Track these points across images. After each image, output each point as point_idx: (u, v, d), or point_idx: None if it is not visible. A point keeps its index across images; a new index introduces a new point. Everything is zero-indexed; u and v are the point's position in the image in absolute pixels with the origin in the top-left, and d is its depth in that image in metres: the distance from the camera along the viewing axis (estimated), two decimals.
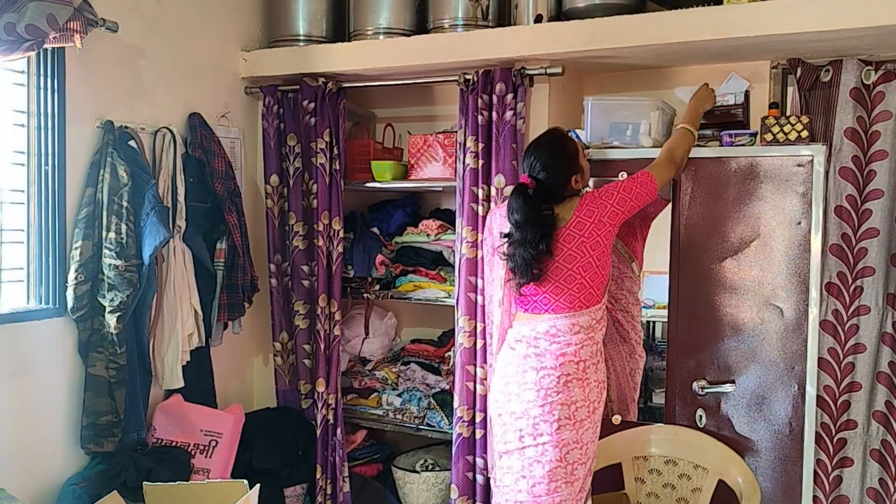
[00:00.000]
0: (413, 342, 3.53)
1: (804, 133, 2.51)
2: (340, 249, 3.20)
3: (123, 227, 2.58)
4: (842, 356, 2.64)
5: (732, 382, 2.61)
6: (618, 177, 2.70)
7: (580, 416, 2.32)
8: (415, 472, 3.21)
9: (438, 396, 3.23)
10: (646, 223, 2.94)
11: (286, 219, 3.26)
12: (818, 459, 2.64)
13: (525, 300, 2.41)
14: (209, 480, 2.75)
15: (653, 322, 3.05)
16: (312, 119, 3.18)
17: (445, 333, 3.46)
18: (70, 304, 2.57)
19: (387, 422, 3.31)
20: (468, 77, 2.90)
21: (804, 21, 2.40)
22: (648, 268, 2.87)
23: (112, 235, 2.58)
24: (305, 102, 3.18)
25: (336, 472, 3.18)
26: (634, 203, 2.39)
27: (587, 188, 2.55)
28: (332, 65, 3.13)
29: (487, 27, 2.95)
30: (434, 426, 3.18)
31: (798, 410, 2.53)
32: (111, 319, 2.57)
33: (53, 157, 2.56)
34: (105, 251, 2.58)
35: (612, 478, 2.67)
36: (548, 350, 2.34)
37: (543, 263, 2.33)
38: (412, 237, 3.34)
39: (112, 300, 2.57)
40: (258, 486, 2.57)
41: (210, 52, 3.17)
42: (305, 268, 3.23)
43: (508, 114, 2.82)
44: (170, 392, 2.92)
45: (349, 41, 3.20)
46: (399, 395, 3.30)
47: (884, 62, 2.59)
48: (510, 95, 2.82)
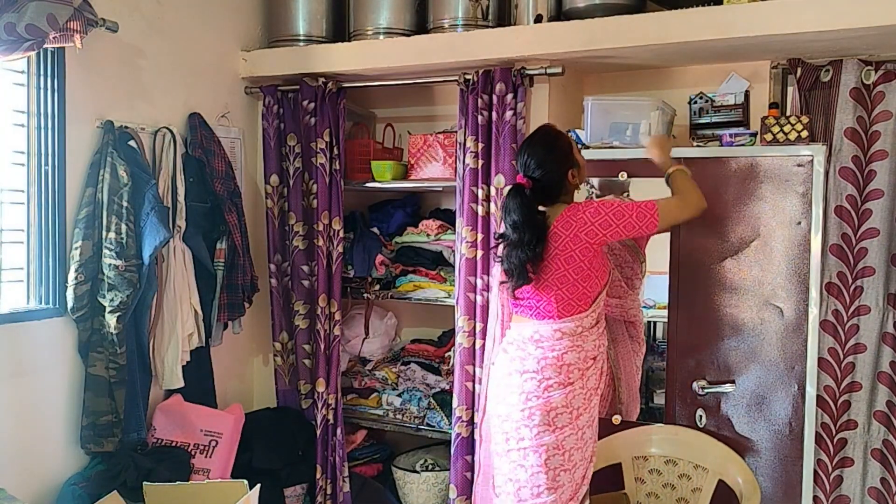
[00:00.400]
0: (413, 342, 3.53)
1: (804, 133, 2.51)
2: (340, 249, 3.20)
3: (123, 227, 2.58)
4: (842, 356, 2.64)
5: (732, 382, 2.60)
6: (618, 177, 2.70)
7: (561, 423, 2.27)
8: (415, 472, 3.21)
9: (438, 396, 3.23)
10: None
11: (286, 219, 3.26)
12: (818, 459, 2.64)
13: (517, 303, 2.40)
14: (209, 480, 2.75)
15: (653, 322, 3.04)
16: (312, 119, 3.18)
17: (445, 333, 3.46)
18: (70, 304, 2.57)
19: (387, 422, 3.30)
20: (468, 77, 2.90)
21: (804, 21, 2.40)
22: (648, 268, 2.86)
23: (112, 235, 2.58)
24: (305, 102, 3.18)
25: (336, 472, 3.18)
26: (621, 230, 2.26)
27: (591, 188, 2.53)
28: (332, 65, 3.13)
29: (487, 27, 2.95)
30: (434, 426, 3.18)
31: (798, 410, 2.52)
32: (111, 319, 2.57)
33: (53, 157, 2.56)
34: (105, 251, 2.58)
35: (612, 478, 2.67)
36: (531, 354, 2.31)
37: (538, 266, 2.30)
38: (412, 237, 3.34)
39: (112, 300, 2.57)
40: (258, 486, 2.57)
41: (210, 52, 3.17)
42: (305, 268, 3.23)
43: (508, 114, 2.81)
44: (170, 392, 2.92)
45: (349, 41, 3.20)
46: (399, 395, 3.29)
47: (884, 62, 2.59)
48: (510, 95, 2.82)
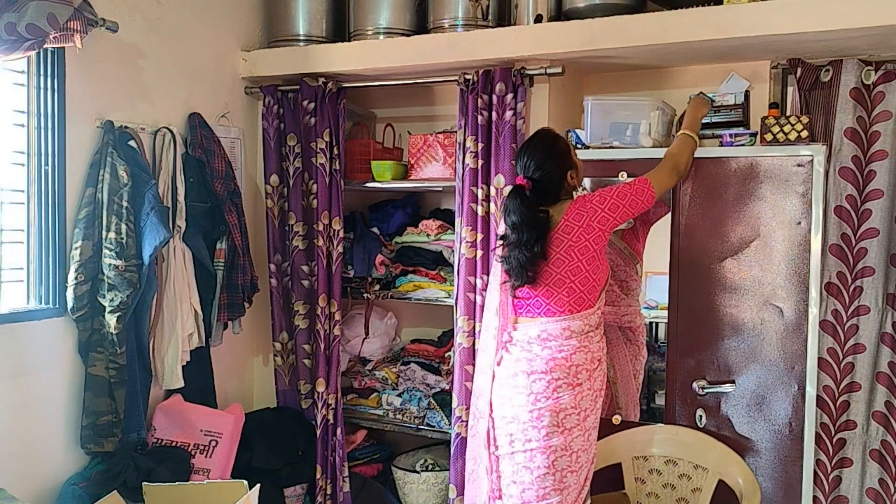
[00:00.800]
0: (413, 342, 3.53)
1: (804, 133, 2.51)
2: (340, 249, 3.20)
3: (123, 227, 2.58)
4: (841, 356, 2.64)
5: (732, 382, 2.61)
6: (618, 177, 2.70)
7: (569, 424, 2.28)
8: (415, 472, 3.21)
9: (438, 396, 3.23)
10: (646, 226, 2.93)
11: (286, 219, 3.26)
12: (818, 459, 2.64)
13: (519, 303, 2.39)
14: (209, 480, 2.75)
15: (655, 323, 3.04)
16: (312, 119, 3.18)
17: (445, 333, 3.45)
18: (70, 304, 2.57)
19: (387, 422, 3.30)
20: (468, 77, 2.90)
21: (804, 21, 2.40)
22: (648, 268, 2.87)
23: (112, 235, 2.58)
24: (305, 102, 3.18)
25: (336, 472, 3.18)
26: (628, 210, 2.34)
27: (584, 190, 2.53)
28: (332, 65, 3.13)
29: (487, 27, 2.94)
30: (434, 426, 3.18)
31: (798, 410, 2.53)
32: (111, 319, 2.58)
33: (53, 157, 2.56)
34: (105, 251, 2.58)
35: (612, 478, 2.67)
36: (539, 355, 2.31)
37: (538, 266, 2.31)
38: (412, 237, 3.34)
39: (112, 300, 2.57)
40: (258, 486, 2.57)
41: (210, 52, 3.17)
42: (305, 268, 3.23)
43: (508, 114, 2.81)
44: (170, 392, 2.92)
45: (349, 41, 3.20)
46: (399, 395, 3.29)
47: (884, 62, 2.59)
48: (510, 95, 2.81)
